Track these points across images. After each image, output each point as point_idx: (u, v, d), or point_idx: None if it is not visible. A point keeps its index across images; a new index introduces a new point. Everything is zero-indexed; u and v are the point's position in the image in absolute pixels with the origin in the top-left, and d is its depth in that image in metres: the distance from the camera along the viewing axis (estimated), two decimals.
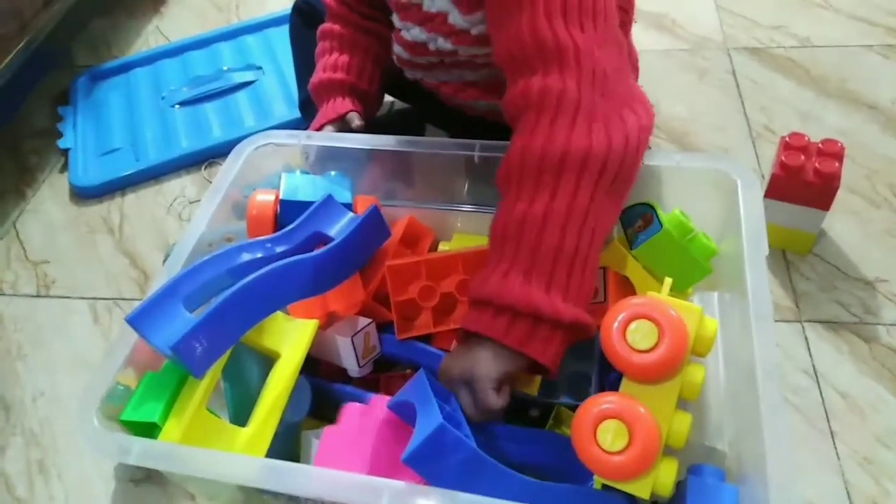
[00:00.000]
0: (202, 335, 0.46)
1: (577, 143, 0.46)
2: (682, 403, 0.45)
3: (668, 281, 0.48)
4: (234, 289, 0.47)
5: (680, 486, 0.45)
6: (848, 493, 0.59)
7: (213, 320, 0.46)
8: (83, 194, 0.97)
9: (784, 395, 0.64)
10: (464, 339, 0.49)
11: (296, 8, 0.89)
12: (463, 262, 0.57)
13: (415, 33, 0.64)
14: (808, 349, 0.68)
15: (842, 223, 0.78)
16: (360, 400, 0.55)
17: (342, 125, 0.72)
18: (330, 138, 0.66)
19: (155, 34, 1.25)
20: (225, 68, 1.12)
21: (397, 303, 0.56)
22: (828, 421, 0.63)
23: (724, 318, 0.54)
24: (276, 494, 0.46)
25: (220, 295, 0.47)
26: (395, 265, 0.56)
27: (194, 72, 1.12)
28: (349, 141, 0.65)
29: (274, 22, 1.18)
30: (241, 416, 0.52)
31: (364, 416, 0.51)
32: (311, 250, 0.55)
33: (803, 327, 0.70)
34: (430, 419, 0.41)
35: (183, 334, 0.45)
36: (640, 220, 0.58)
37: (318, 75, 0.76)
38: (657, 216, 0.56)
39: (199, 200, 0.93)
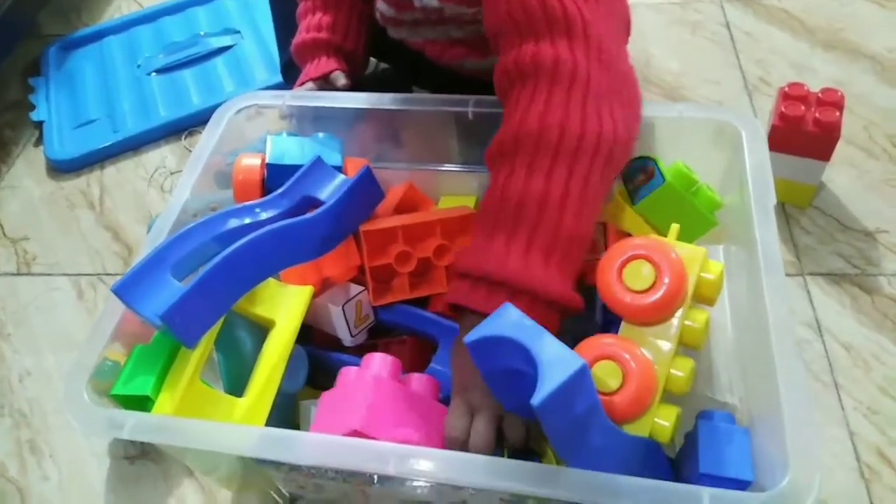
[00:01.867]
0: (193, 303, 0.44)
1: (591, 126, 0.45)
2: (690, 353, 0.44)
3: (675, 227, 0.46)
4: (223, 255, 0.45)
5: (689, 436, 0.44)
6: (853, 443, 0.59)
7: (203, 288, 0.44)
8: (60, 168, 0.93)
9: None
10: (464, 322, 0.45)
11: None
12: (441, 227, 0.56)
13: None
14: (811, 302, 0.67)
15: (840, 175, 0.77)
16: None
17: (326, 84, 0.69)
18: (316, 97, 0.63)
19: (127, 1, 1.20)
20: (202, 33, 1.07)
21: (372, 268, 0.55)
22: (832, 373, 0.63)
23: (731, 271, 0.52)
24: (277, 465, 0.45)
25: (209, 262, 0.45)
26: (370, 230, 0.54)
27: (170, 38, 1.08)
28: (336, 100, 0.63)
29: None
30: (236, 386, 0.51)
31: (359, 376, 0.48)
32: (302, 215, 0.52)
33: (805, 281, 0.69)
34: (561, 358, 0.35)
35: (172, 303, 0.43)
36: (642, 174, 0.56)
37: (301, 35, 0.73)
38: (659, 169, 0.54)
39: (180, 171, 0.90)
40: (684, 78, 0.90)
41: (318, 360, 0.56)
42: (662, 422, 0.41)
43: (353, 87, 0.70)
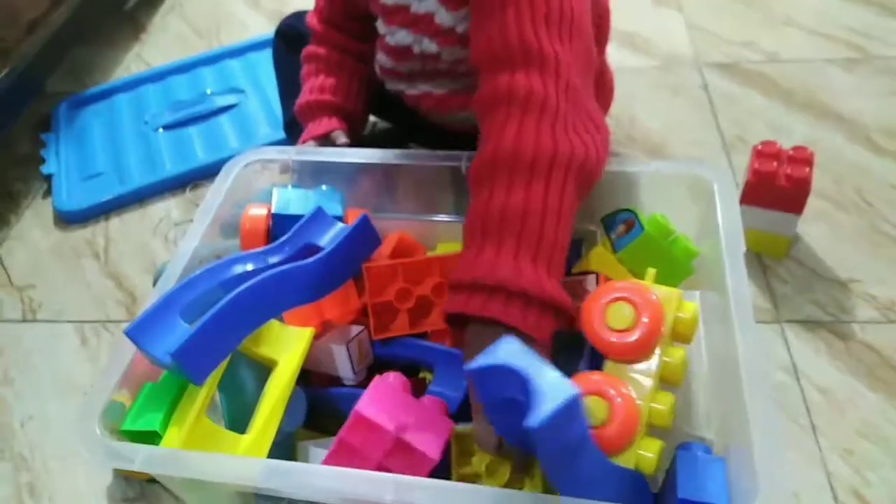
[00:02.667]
0: (201, 342, 0.46)
1: (562, 146, 0.49)
2: (671, 389, 0.47)
3: (652, 271, 0.50)
4: (229, 297, 0.48)
5: (670, 468, 0.46)
6: (830, 484, 0.61)
7: (211, 327, 0.47)
8: (67, 219, 0.97)
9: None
10: (469, 335, 0.47)
11: (279, 32, 0.91)
12: (440, 266, 0.59)
13: (400, 37, 0.66)
14: (788, 348, 0.70)
15: (815, 227, 0.81)
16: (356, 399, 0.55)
17: (327, 142, 0.74)
18: (318, 153, 0.67)
19: (136, 61, 1.26)
20: (208, 92, 1.13)
21: (374, 304, 0.58)
22: (809, 416, 0.65)
23: (707, 315, 0.55)
24: (277, 500, 0.47)
25: (216, 304, 0.48)
26: (372, 267, 0.58)
27: (176, 96, 1.13)
28: (337, 155, 0.67)
29: (256, 46, 1.19)
30: (237, 424, 0.53)
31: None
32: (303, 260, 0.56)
33: (782, 328, 0.72)
34: (557, 385, 0.36)
35: (183, 342, 0.46)
36: (622, 225, 0.60)
37: (304, 97, 0.77)
38: (638, 220, 0.58)
39: (184, 222, 0.93)
40: (667, 137, 0.96)
41: (317, 400, 0.58)
42: (647, 454, 0.44)
43: (353, 144, 0.74)
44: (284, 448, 0.54)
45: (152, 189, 0.99)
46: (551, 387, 0.36)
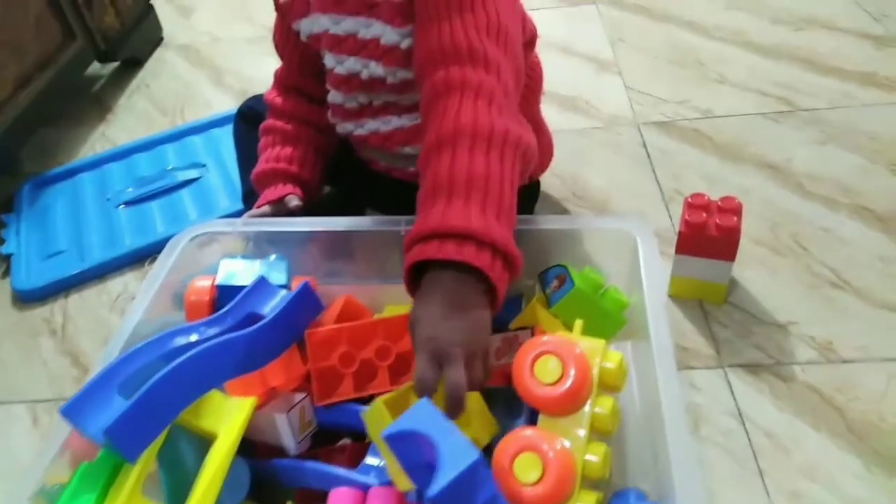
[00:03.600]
0: (134, 418, 0.47)
1: (512, 129, 0.55)
2: (604, 441, 0.48)
3: (579, 323, 0.52)
4: (164, 370, 0.49)
5: None
6: None
7: (145, 402, 0.48)
8: (26, 298, 0.97)
9: (713, 437, 0.68)
10: (426, 283, 0.49)
11: (240, 112, 0.95)
12: (384, 329, 0.60)
13: (348, 64, 0.71)
14: (732, 393, 0.72)
15: (752, 272, 0.84)
16: (303, 470, 0.56)
17: (281, 206, 0.76)
18: (263, 223, 0.70)
19: (101, 140, 1.29)
20: (170, 167, 1.16)
21: (316, 369, 0.59)
22: (756, 460, 0.66)
23: (638, 364, 0.57)
24: None
25: (151, 377, 0.49)
26: (314, 332, 0.59)
27: (139, 173, 1.16)
28: (282, 224, 0.69)
29: (218, 122, 1.23)
30: (178, 501, 0.53)
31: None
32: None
33: (725, 372, 0.74)
34: (458, 451, 0.38)
35: (114, 418, 0.46)
36: (556, 281, 0.62)
37: (261, 165, 0.81)
38: (570, 275, 0.61)
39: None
40: (610, 193, 0.99)
41: (261, 472, 0.58)
42: None
43: (306, 211, 0.76)
44: None
45: (112, 265, 1.00)
46: (452, 453, 0.37)
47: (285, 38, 0.81)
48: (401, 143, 0.76)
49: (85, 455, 0.52)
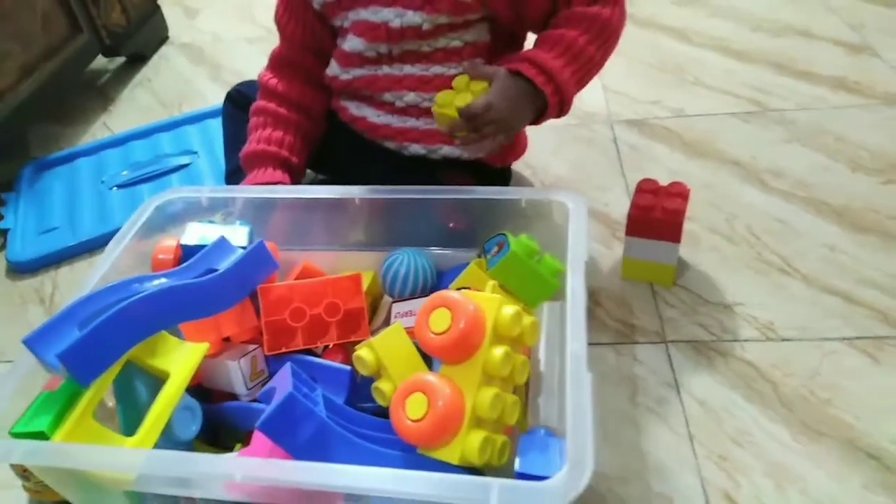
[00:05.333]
0: (88, 346, 0.51)
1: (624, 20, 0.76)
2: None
3: (491, 283, 0.56)
4: (119, 307, 0.54)
5: None
6: (704, 489, 0.64)
7: (97, 333, 0.52)
8: (19, 269, 1.03)
9: (648, 404, 0.71)
10: (514, 81, 0.71)
11: (228, 96, 1.00)
12: (332, 288, 0.65)
13: (383, 14, 0.77)
14: (671, 365, 0.75)
15: (705, 258, 0.87)
16: (252, 412, 0.60)
17: None
18: (229, 190, 0.75)
19: (102, 129, 1.36)
20: (163, 154, 1.22)
21: (268, 322, 0.63)
22: (687, 426, 0.69)
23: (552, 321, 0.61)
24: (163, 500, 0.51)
25: (106, 312, 0.53)
26: (267, 287, 0.63)
27: (135, 158, 1.22)
28: (247, 192, 0.74)
29: (212, 114, 1.29)
30: (132, 432, 0.57)
31: None
32: None
33: (667, 346, 0.77)
34: (283, 393, 0.46)
35: (69, 344, 0.51)
36: (496, 247, 0.66)
37: (251, 146, 0.85)
38: (508, 242, 0.65)
39: (129, 269, 0.99)
40: (577, 184, 1.03)
41: (214, 415, 0.62)
42: (471, 445, 0.48)
43: None
44: None
45: (102, 241, 1.04)
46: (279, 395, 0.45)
47: (291, 13, 0.86)
48: (407, 89, 0.81)
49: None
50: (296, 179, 0.85)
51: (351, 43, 0.80)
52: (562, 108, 0.76)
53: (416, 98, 0.81)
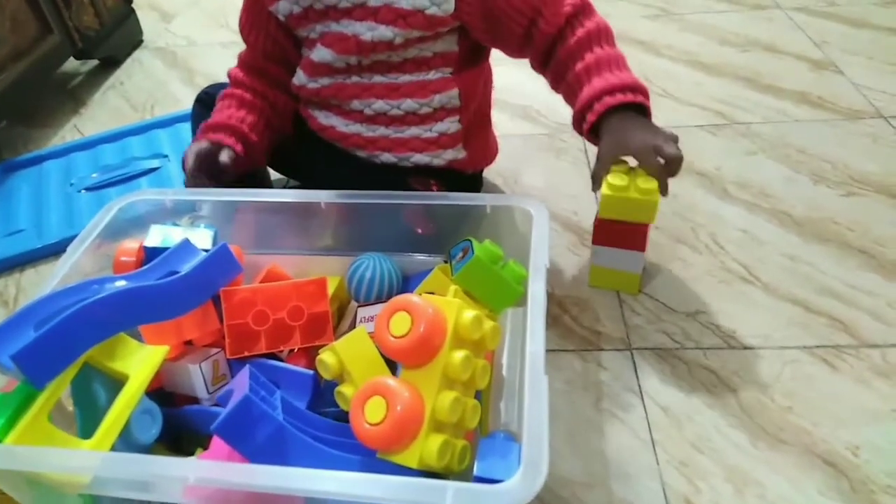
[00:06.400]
0: (43, 347, 0.51)
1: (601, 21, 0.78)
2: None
3: (452, 288, 0.56)
4: (76, 308, 0.53)
5: None
6: (665, 494, 0.65)
7: (53, 334, 0.51)
8: None
9: (612, 410, 0.72)
10: (618, 121, 0.73)
11: (198, 98, 1.00)
12: (296, 292, 0.64)
13: (353, 28, 0.77)
14: (636, 372, 0.76)
15: (670, 267, 0.89)
16: (213, 416, 0.59)
17: (214, 150, 0.80)
18: (194, 193, 0.74)
19: (72, 132, 1.34)
20: (133, 157, 1.20)
21: (230, 325, 0.63)
22: (650, 432, 0.70)
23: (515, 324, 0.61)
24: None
25: (63, 312, 0.53)
26: (230, 290, 0.63)
27: (104, 162, 1.20)
28: (212, 194, 0.74)
29: (183, 118, 1.28)
30: (89, 436, 0.56)
31: None
32: None
33: (632, 354, 0.78)
34: (239, 396, 0.46)
35: (23, 345, 0.50)
36: (461, 253, 0.66)
37: (213, 118, 0.85)
38: (472, 247, 0.65)
39: (93, 273, 0.98)
40: (548, 192, 1.04)
41: (174, 419, 0.62)
42: (430, 449, 0.48)
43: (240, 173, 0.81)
44: None
45: (68, 244, 1.02)
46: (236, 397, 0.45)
47: (252, 22, 0.86)
48: (375, 97, 0.81)
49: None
50: (250, 158, 0.84)
51: (319, 53, 0.81)
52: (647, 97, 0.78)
53: (385, 106, 0.81)
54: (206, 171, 0.78)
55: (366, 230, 0.73)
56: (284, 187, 1.03)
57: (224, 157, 0.79)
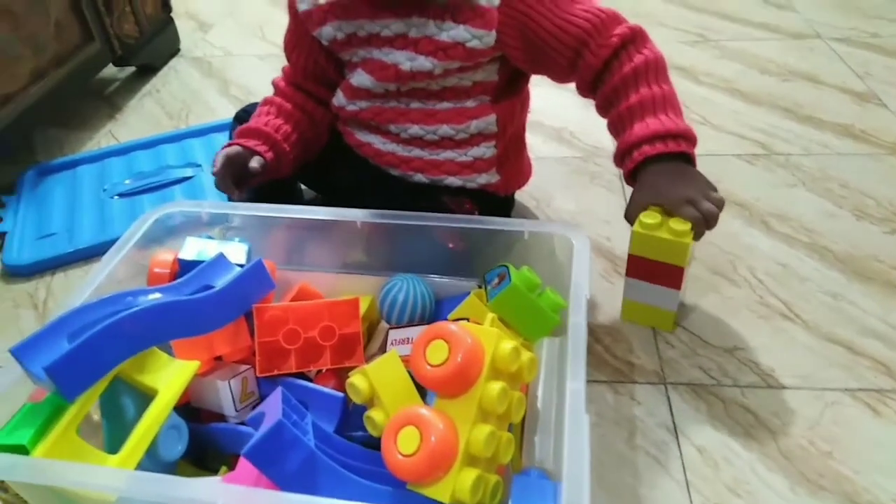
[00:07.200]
0: (75, 359, 0.50)
1: (653, 55, 0.74)
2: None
3: (490, 316, 0.54)
4: (109, 321, 0.52)
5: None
6: None
7: (86, 347, 0.51)
8: (14, 273, 1.01)
9: (646, 447, 0.70)
10: (654, 172, 0.71)
11: (237, 116, 1.00)
12: (329, 312, 0.64)
13: (393, 57, 0.76)
14: (670, 408, 0.74)
15: (706, 300, 0.86)
16: (240, 435, 0.58)
17: (246, 155, 0.80)
18: (231, 206, 0.74)
19: (107, 137, 1.36)
20: (167, 165, 1.21)
21: (261, 343, 0.62)
22: (684, 472, 0.68)
23: (550, 357, 0.60)
24: None
25: (97, 325, 0.52)
26: (262, 308, 0.62)
27: (138, 168, 1.21)
28: (247, 209, 0.73)
29: (218, 128, 1.29)
30: (116, 450, 0.55)
31: None
32: None
33: (666, 388, 0.76)
34: (272, 420, 0.45)
35: (57, 357, 0.49)
36: (497, 279, 0.65)
37: (250, 123, 0.86)
38: (509, 274, 0.64)
39: (125, 280, 0.98)
40: (580, 216, 1.03)
41: (201, 436, 0.61)
42: (463, 484, 0.46)
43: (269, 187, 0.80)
44: None
45: (99, 249, 1.04)
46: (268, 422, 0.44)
47: (296, 43, 0.87)
48: (411, 122, 0.81)
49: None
50: (280, 168, 0.84)
51: (359, 79, 0.81)
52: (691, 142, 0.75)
53: (420, 131, 0.81)
54: (232, 175, 0.78)
55: (400, 251, 0.72)
56: (315, 203, 1.02)
57: (254, 163, 0.79)
